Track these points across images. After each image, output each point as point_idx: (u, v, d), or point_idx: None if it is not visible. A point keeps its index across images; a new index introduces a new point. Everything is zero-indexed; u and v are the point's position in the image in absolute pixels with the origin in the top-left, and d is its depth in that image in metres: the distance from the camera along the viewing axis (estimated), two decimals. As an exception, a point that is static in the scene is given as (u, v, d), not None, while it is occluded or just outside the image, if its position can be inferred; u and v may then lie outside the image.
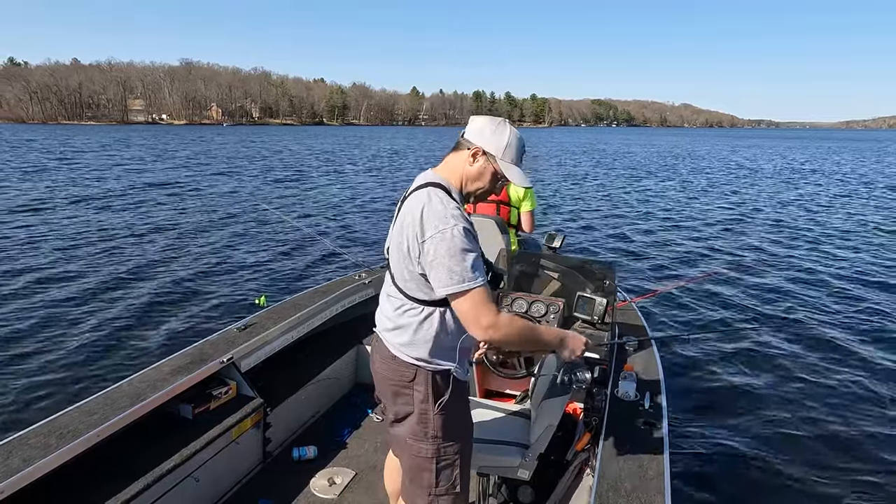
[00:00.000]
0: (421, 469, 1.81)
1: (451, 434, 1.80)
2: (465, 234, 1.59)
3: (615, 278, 3.04)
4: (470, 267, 1.57)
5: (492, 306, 1.60)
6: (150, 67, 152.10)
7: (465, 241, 1.58)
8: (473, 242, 1.61)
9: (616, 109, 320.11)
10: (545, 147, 52.22)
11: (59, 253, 8.72)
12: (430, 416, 1.77)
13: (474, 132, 1.73)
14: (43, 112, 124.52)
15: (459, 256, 1.57)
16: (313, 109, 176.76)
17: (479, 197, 1.78)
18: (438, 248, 1.57)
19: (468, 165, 1.73)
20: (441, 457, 1.80)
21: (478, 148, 1.71)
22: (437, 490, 1.82)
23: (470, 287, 1.57)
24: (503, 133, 1.71)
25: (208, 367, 2.69)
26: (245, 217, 12.32)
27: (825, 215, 14.22)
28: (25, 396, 4.35)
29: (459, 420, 1.84)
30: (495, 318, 1.59)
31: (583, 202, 16.11)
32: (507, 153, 1.71)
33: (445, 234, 1.57)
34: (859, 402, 4.58)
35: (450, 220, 1.59)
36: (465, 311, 1.60)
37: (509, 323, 1.62)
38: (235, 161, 28.03)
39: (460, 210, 1.65)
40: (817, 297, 7.33)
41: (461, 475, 1.84)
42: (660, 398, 2.50)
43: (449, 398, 1.77)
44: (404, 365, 1.77)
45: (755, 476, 3.61)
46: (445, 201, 1.64)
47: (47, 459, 1.96)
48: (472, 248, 1.60)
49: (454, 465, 1.82)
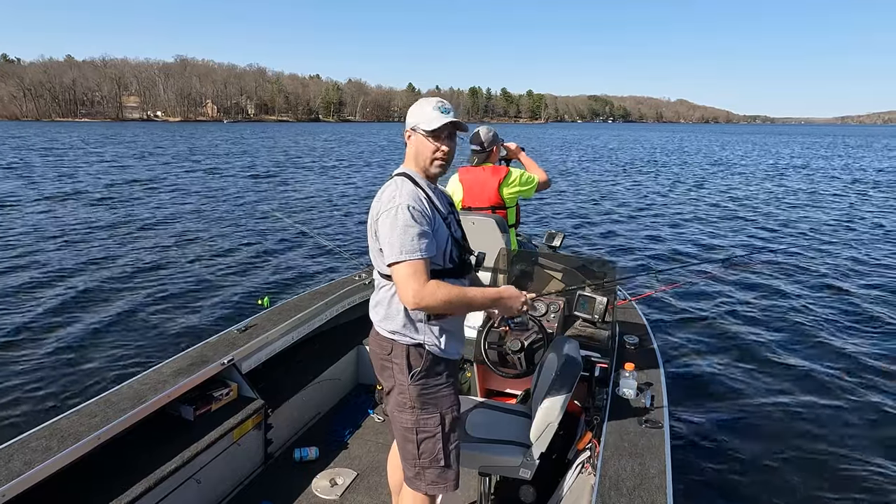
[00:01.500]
0: (406, 440, 1.94)
1: (429, 406, 1.90)
2: (411, 212, 1.74)
3: (615, 277, 3.04)
4: (409, 241, 1.71)
5: (421, 278, 1.71)
6: (145, 64, 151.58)
7: (408, 218, 1.73)
8: (419, 220, 1.74)
9: (612, 105, 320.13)
10: (540, 143, 52.15)
11: (58, 256, 8.66)
12: (407, 388, 1.89)
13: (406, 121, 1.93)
14: (37, 109, 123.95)
15: (400, 231, 1.72)
16: (309, 106, 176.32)
17: (442, 167, 1.90)
18: (384, 224, 1.76)
19: (409, 149, 1.91)
20: (421, 428, 1.91)
21: (407, 131, 1.90)
22: (422, 462, 1.93)
23: (404, 259, 1.71)
24: (416, 107, 1.90)
25: (209, 369, 2.68)
26: (245, 218, 12.27)
27: (825, 215, 14.18)
28: (26, 399, 4.33)
29: (438, 393, 1.91)
30: (420, 288, 1.70)
31: (582, 201, 16.08)
32: (421, 121, 1.85)
33: (391, 212, 1.75)
34: (861, 400, 4.58)
35: (396, 200, 1.76)
36: (397, 282, 1.75)
37: (434, 290, 1.71)
38: (236, 161, 27.89)
39: (416, 193, 1.80)
40: (818, 295, 7.32)
41: (446, 450, 1.93)
42: (661, 396, 2.51)
43: (425, 371, 1.88)
44: (384, 339, 1.92)
45: (757, 473, 3.62)
46: (401, 185, 1.81)
47: (48, 462, 1.96)
48: (414, 225, 1.73)
49: (436, 437, 1.91)
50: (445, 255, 1.87)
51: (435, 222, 1.82)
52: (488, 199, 3.50)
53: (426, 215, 1.78)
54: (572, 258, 3.43)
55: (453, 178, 3.66)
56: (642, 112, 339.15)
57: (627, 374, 2.54)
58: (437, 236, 1.83)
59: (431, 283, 1.72)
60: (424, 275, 1.72)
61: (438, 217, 1.86)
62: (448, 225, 1.91)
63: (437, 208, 1.88)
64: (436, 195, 1.91)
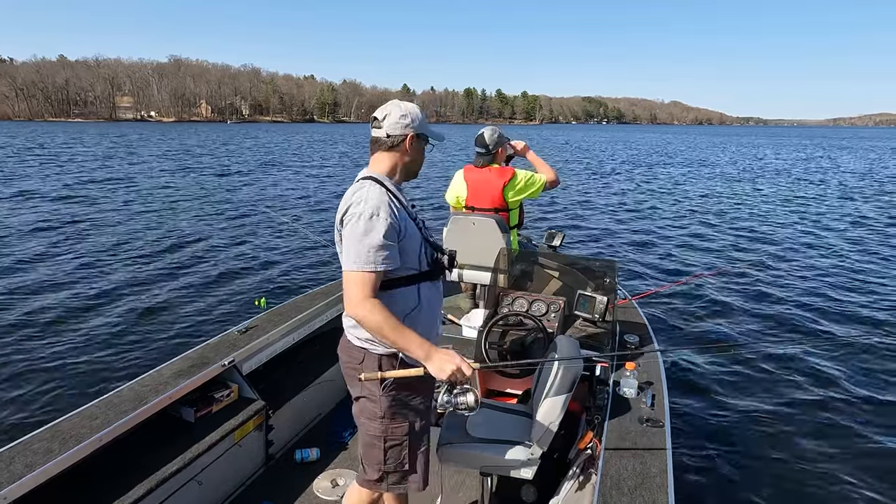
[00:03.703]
0: (372, 447, 1.93)
1: (398, 415, 1.89)
2: (374, 221, 1.70)
3: (616, 276, 3.05)
4: (365, 252, 1.69)
5: (367, 290, 1.69)
6: (139, 64, 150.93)
7: (369, 228, 1.69)
8: (382, 231, 1.69)
9: (606, 107, 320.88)
10: (536, 142, 52.27)
11: (58, 258, 8.61)
12: (378, 398, 1.86)
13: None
14: (29, 109, 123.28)
15: (358, 239, 1.70)
16: (304, 107, 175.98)
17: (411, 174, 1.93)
18: (347, 230, 1.74)
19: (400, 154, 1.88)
20: (389, 437, 1.90)
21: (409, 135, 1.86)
22: (386, 467, 1.93)
23: (355, 269, 1.70)
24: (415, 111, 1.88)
25: (210, 371, 2.68)
26: (245, 219, 12.22)
27: (825, 214, 14.24)
28: (27, 402, 4.31)
29: (409, 403, 1.89)
30: (361, 302, 1.69)
31: (582, 200, 16.11)
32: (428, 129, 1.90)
33: (353, 218, 1.72)
34: (862, 399, 4.59)
35: (361, 207, 1.72)
36: (343, 287, 1.74)
37: (371, 310, 1.68)
38: (237, 161, 27.78)
39: (385, 199, 1.75)
40: (820, 295, 7.33)
41: (411, 456, 1.93)
42: (661, 395, 2.52)
43: (395, 381, 1.83)
44: (355, 348, 1.89)
45: (758, 472, 3.63)
46: (369, 191, 1.76)
47: (50, 465, 1.95)
48: (374, 236, 1.69)
49: (402, 445, 1.91)
50: (420, 258, 1.84)
51: (406, 228, 1.78)
52: (491, 201, 3.49)
53: (394, 225, 1.73)
54: (572, 258, 3.44)
55: (458, 176, 3.65)
56: (636, 113, 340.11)
57: (628, 374, 2.55)
58: (410, 240, 1.80)
59: (372, 302, 1.69)
60: (371, 288, 1.70)
61: (411, 220, 1.83)
62: (419, 226, 1.88)
63: (408, 211, 1.85)
64: (403, 196, 1.88)
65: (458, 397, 1.80)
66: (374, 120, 1.86)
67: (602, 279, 3.08)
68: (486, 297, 3.42)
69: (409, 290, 1.83)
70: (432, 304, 1.93)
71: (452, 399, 1.80)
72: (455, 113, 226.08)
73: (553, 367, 2.27)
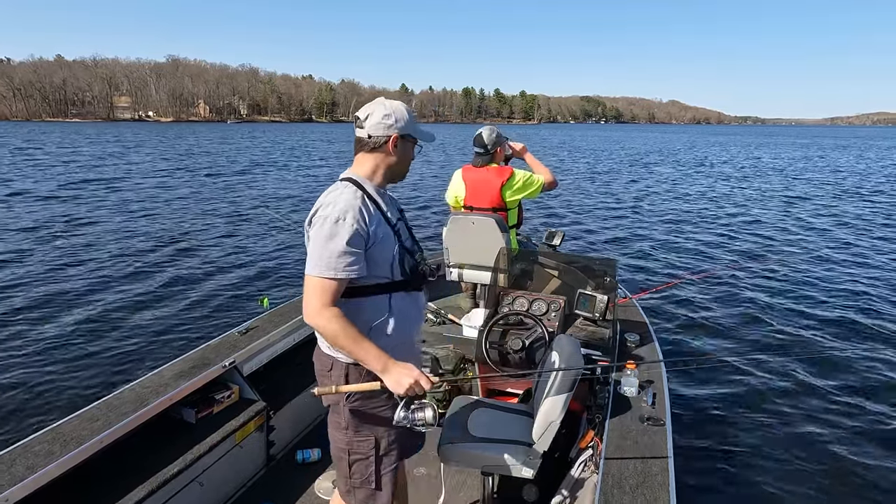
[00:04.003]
0: (339, 458, 1.89)
1: (363, 429, 1.82)
2: (339, 226, 1.63)
3: (616, 275, 3.05)
4: (327, 257, 1.63)
5: (326, 298, 1.63)
6: (136, 64, 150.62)
7: (334, 233, 1.63)
8: (347, 237, 1.63)
9: (605, 106, 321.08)
10: (535, 142, 52.25)
11: (58, 258, 8.59)
12: (342, 408, 1.81)
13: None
14: (27, 109, 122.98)
15: (322, 244, 1.64)
16: (302, 106, 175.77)
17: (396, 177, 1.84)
18: (313, 232, 1.68)
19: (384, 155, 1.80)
20: (353, 450, 1.84)
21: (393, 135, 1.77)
22: (352, 482, 1.88)
23: (315, 274, 1.64)
24: (402, 110, 1.80)
25: (210, 372, 2.67)
26: (245, 219, 12.22)
27: (826, 213, 14.26)
28: (28, 404, 4.31)
29: (375, 416, 1.81)
30: (319, 311, 1.63)
31: (581, 199, 16.11)
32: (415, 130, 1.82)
33: (320, 221, 1.67)
34: (862, 399, 4.59)
35: (329, 210, 1.66)
36: (304, 292, 1.68)
37: (330, 319, 1.63)
38: (237, 160, 27.74)
39: (357, 203, 1.67)
40: (821, 295, 7.34)
41: (378, 473, 1.86)
42: (662, 394, 2.52)
43: (360, 393, 1.76)
44: (324, 355, 1.83)
45: (759, 471, 3.63)
46: (341, 193, 1.70)
47: (51, 467, 1.95)
48: (338, 242, 1.63)
49: (369, 460, 1.84)
50: (393, 267, 1.75)
51: (376, 235, 1.70)
52: (490, 201, 3.50)
53: (361, 232, 1.66)
54: (572, 257, 3.44)
55: (457, 176, 3.66)
56: (634, 113, 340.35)
57: (629, 373, 2.55)
58: (381, 248, 1.72)
59: (332, 311, 1.64)
60: (330, 296, 1.64)
61: (386, 227, 1.74)
62: (397, 233, 1.78)
63: (385, 217, 1.76)
64: (384, 201, 1.80)
65: (416, 413, 1.72)
66: (356, 119, 1.79)
67: (602, 278, 3.08)
68: (487, 297, 3.42)
69: (377, 300, 1.75)
70: (407, 316, 1.82)
71: (409, 414, 1.72)
72: (453, 112, 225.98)
73: (554, 366, 2.27)
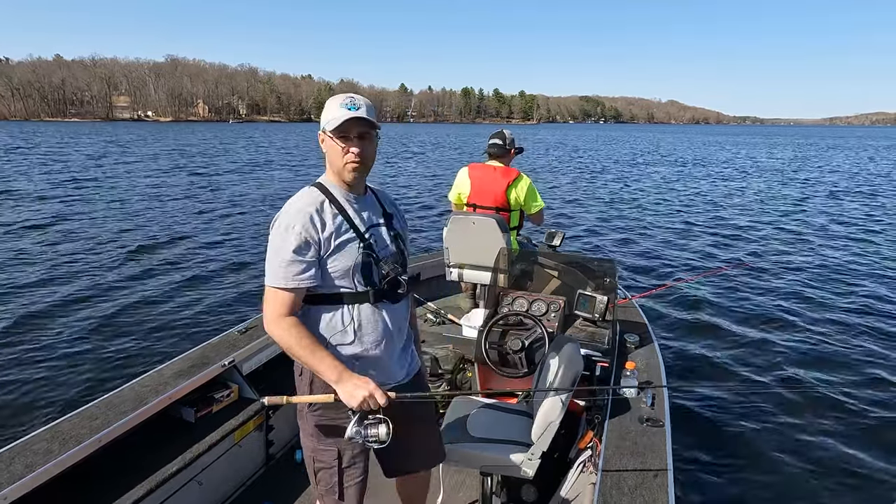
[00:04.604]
0: (308, 464, 1.85)
1: (326, 439, 1.77)
2: (287, 233, 1.59)
3: (616, 275, 3.05)
4: (276, 266, 1.59)
5: (279, 308, 1.60)
6: (135, 64, 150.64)
7: (280, 241, 1.59)
8: (293, 245, 1.58)
9: (604, 106, 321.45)
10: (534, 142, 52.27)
11: (58, 257, 8.58)
12: (305, 415, 1.78)
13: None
14: (25, 109, 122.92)
15: (272, 253, 1.61)
16: (301, 106, 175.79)
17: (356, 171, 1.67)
18: (269, 240, 1.65)
19: (323, 152, 1.71)
20: (317, 458, 1.80)
21: (320, 134, 1.69)
22: (319, 489, 1.85)
23: (267, 285, 1.62)
24: (325, 106, 1.68)
25: (210, 371, 2.67)
26: (245, 218, 12.21)
27: (826, 213, 14.24)
28: (27, 402, 4.30)
29: (338, 429, 1.71)
30: (275, 320, 1.60)
31: (581, 200, 16.10)
32: (327, 120, 1.64)
33: (272, 227, 1.64)
34: (863, 399, 4.58)
35: (281, 217, 1.63)
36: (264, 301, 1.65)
37: (284, 332, 1.60)
38: (237, 160, 27.73)
39: (310, 210, 1.62)
40: (822, 295, 7.34)
41: (341, 485, 1.80)
42: (661, 395, 2.52)
43: (324, 404, 1.70)
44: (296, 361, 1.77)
45: (758, 472, 3.63)
46: (298, 198, 1.66)
47: (50, 465, 1.95)
48: (285, 250, 1.58)
49: (332, 470, 1.78)
50: (354, 276, 1.66)
51: (329, 243, 1.62)
52: (494, 200, 3.53)
53: (310, 239, 1.59)
54: (572, 257, 3.44)
55: (462, 173, 3.70)
56: (633, 113, 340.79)
57: (628, 373, 2.55)
58: (339, 257, 1.64)
59: (287, 321, 1.60)
60: (284, 306, 1.60)
61: (348, 234, 1.65)
62: (367, 241, 1.68)
63: (351, 223, 1.67)
64: (359, 205, 1.71)
65: (369, 429, 1.62)
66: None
67: (602, 278, 3.08)
68: (486, 297, 3.42)
69: (336, 310, 1.68)
70: (373, 329, 1.72)
71: (362, 430, 1.62)
72: (452, 112, 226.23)
73: (554, 366, 2.27)
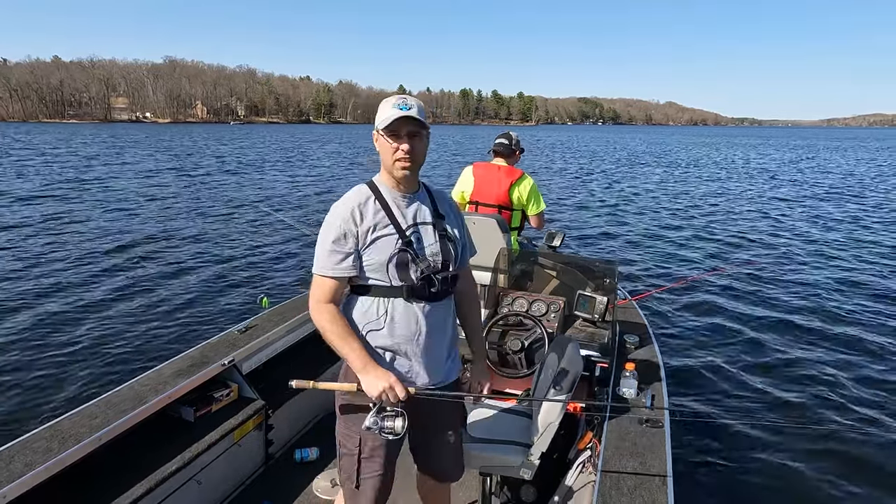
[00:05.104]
0: (337, 449, 1.91)
1: (351, 426, 1.83)
2: (329, 225, 1.72)
3: (616, 276, 3.06)
4: (319, 255, 1.72)
5: (319, 294, 1.73)
6: (134, 65, 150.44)
7: (324, 232, 1.72)
8: (333, 237, 1.69)
9: (602, 108, 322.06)
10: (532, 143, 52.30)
11: (59, 256, 8.58)
12: (337, 396, 1.86)
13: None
14: (24, 110, 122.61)
15: (318, 242, 1.74)
16: (299, 108, 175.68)
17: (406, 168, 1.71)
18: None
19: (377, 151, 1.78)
20: (342, 443, 1.87)
21: (373, 134, 1.75)
22: (342, 475, 1.89)
23: (313, 270, 1.75)
24: (379, 107, 1.75)
25: (209, 370, 2.67)
26: (245, 219, 12.21)
27: (826, 214, 14.26)
28: (27, 401, 4.30)
29: (361, 418, 1.75)
30: (315, 305, 1.73)
31: (582, 201, 16.11)
32: (380, 120, 1.70)
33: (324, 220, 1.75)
34: (862, 399, 4.59)
35: (331, 210, 1.74)
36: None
37: (323, 314, 1.71)
38: (238, 162, 27.71)
39: (354, 204, 1.71)
40: (821, 295, 7.34)
41: (359, 474, 1.83)
42: (661, 396, 2.53)
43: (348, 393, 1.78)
44: None
45: (757, 473, 3.63)
46: (348, 195, 1.77)
47: (49, 464, 1.95)
48: (325, 241, 1.70)
49: (353, 458, 1.83)
50: (389, 271, 1.72)
51: (367, 237, 1.69)
52: (497, 198, 3.55)
53: (348, 232, 1.68)
54: (572, 258, 3.45)
55: (467, 171, 3.73)
56: (632, 114, 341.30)
57: (628, 374, 2.55)
58: (376, 251, 1.70)
59: (325, 307, 1.71)
60: (324, 292, 1.72)
61: (388, 229, 1.71)
62: (408, 238, 1.73)
63: (392, 219, 1.73)
64: (406, 203, 1.77)
65: (386, 420, 1.68)
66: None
67: (602, 279, 3.09)
68: (486, 297, 3.42)
69: (371, 301, 1.75)
70: (402, 324, 1.76)
71: (379, 421, 1.68)
72: (451, 114, 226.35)
73: (553, 366, 2.27)
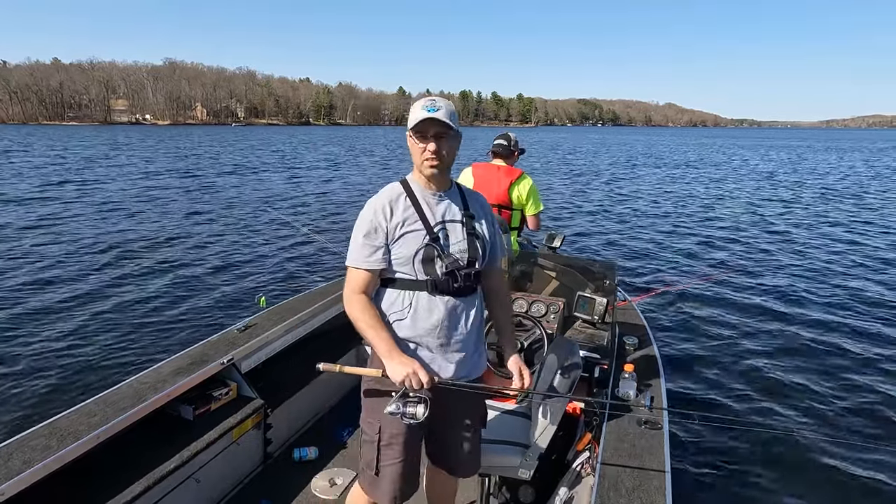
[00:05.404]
0: (361, 437, 1.97)
1: (372, 413, 1.89)
2: (361, 219, 1.81)
3: (615, 278, 3.06)
4: (352, 247, 1.81)
5: (351, 285, 1.81)
6: (133, 67, 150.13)
7: (357, 225, 1.81)
8: (364, 230, 1.78)
9: (601, 109, 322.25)
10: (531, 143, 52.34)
11: (59, 255, 8.60)
12: (362, 381, 1.94)
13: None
14: (23, 112, 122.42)
15: (353, 235, 1.82)
16: (299, 109, 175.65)
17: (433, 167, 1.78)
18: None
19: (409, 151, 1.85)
20: (364, 430, 1.93)
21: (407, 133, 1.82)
22: (362, 462, 1.95)
23: (347, 262, 1.82)
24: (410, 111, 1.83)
25: (209, 369, 2.67)
26: (245, 218, 12.25)
27: (826, 216, 14.28)
28: (26, 398, 4.30)
29: (383, 405, 1.79)
30: (348, 296, 1.81)
31: (582, 202, 16.13)
32: (410, 121, 1.77)
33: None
34: (862, 399, 4.60)
35: (365, 205, 1.83)
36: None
37: (354, 305, 1.79)
38: (239, 162, 27.74)
39: (385, 200, 1.80)
40: (820, 296, 7.37)
41: (378, 461, 1.87)
42: (660, 397, 2.53)
43: (375, 378, 1.84)
44: None
45: (756, 474, 3.63)
46: (381, 191, 1.86)
47: (48, 461, 1.95)
48: (357, 233, 1.80)
49: (373, 445, 1.88)
50: (415, 266, 1.78)
51: (396, 231, 1.76)
52: (496, 197, 3.56)
53: (377, 226, 1.76)
54: (572, 259, 3.45)
55: (466, 171, 3.74)
56: (631, 116, 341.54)
57: (627, 375, 2.55)
58: (403, 245, 1.76)
59: (356, 297, 1.79)
60: (356, 283, 1.79)
61: (416, 224, 1.77)
62: (435, 234, 1.79)
63: (421, 216, 1.79)
64: (436, 201, 1.83)
65: (408, 406, 1.73)
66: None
67: (602, 280, 3.09)
68: (486, 298, 3.43)
69: (398, 293, 1.82)
70: (425, 318, 1.81)
71: (402, 406, 1.74)
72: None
73: (552, 367, 2.27)
